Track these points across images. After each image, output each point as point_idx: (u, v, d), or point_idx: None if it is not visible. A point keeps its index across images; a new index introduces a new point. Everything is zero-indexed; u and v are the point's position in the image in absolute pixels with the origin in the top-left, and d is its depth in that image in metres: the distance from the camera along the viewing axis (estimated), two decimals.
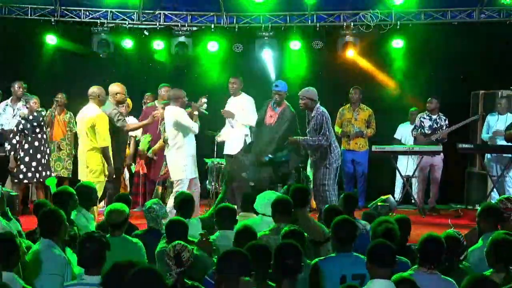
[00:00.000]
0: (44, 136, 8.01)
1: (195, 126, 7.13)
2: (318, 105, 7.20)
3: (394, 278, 3.41)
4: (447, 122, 8.83)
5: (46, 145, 8.13)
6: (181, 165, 7.11)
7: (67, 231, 4.25)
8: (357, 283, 3.62)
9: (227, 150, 8.15)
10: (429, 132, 8.76)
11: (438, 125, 8.77)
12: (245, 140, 8.00)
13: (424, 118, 8.85)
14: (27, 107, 7.87)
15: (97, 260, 3.55)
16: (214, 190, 8.81)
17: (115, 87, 7.36)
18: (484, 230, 4.53)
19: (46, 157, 8.05)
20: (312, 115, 7.16)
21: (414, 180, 9.18)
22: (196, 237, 4.51)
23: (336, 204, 6.08)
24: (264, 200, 5.11)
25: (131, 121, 8.24)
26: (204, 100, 7.38)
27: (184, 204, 5.29)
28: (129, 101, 8.22)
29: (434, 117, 8.82)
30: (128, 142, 8.27)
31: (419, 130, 8.81)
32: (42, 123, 7.98)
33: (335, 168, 7.21)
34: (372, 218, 5.19)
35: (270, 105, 7.61)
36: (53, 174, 8.28)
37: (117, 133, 7.33)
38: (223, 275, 3.08)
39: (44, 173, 7.96)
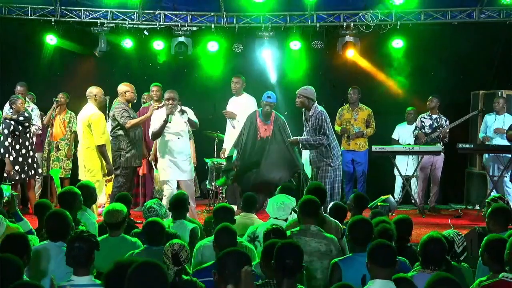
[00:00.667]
0: (31, 134, 7.97)
1: (150, 132, 7.20)
2: (315, 104, 7.21)
3: (393, 277, 3.43)
4: (447, 122, 8.83)
5: (33, 143, 8.02)
6: (159, 167, 7.28)
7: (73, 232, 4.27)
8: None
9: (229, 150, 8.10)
10: (430, 131, 8.77)
11: (439, 124, 8.78)
12: None
13: (424, 118, 8.86)
14: (12, 108, 7.79)
15: (86, 261, 3.50)
16: (214, 190, 8.83)
17: (123, 86, 7.51)
18: (493, 231, 4.51)
19: (36, 156, 8.01)
20: (310, 114, 7.18)
21: (414, 180, 9.18)
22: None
23: (339, 202, 6.12)
24: (277, 204, 5.10)
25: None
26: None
27: (177, 204, 5.32)
28: None
29: (434, 116, 8.83)
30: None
31: (420, 130, 8.81)
32: (30, 123, 7.91)
33: (337, 166, 7.24)
34: (380, 216, 5.21)
35: (259, 118, 7.51)
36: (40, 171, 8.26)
37: (130, 135, 7.40)
38: (223, 275, 3.07)
39: (32, 172, 7.88)
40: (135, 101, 7.66)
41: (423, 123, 8.83)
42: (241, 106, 8.03)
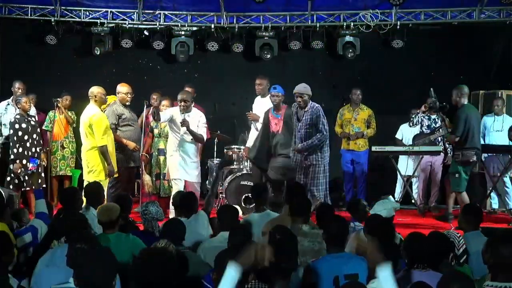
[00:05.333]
0: (39, 139, 7.93)
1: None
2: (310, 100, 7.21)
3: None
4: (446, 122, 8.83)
5: (39, 146, 8.01)
6: (170, 164, 7.31)
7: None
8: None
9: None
10: (428, 131, 8.77)
11: (437, 124, 8.78)
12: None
13: (424, 117, 8.86)
14: (18, 108, 7.78)
15: None
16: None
17: (118, 87, 7.60)
18: (465, 230, 4.55)
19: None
20: (306, 109, 7.14)
21: (414, 180, 9.17)
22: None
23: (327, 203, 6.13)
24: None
25: None
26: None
27: (185, 202, 5.38)
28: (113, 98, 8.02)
29: (433, 116, 8.83)
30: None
31: (419, 127, 8.81)
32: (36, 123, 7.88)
33: (327, 162, 7.24)
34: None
35: (271, 113, 7.52)
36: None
37: (122, 136, 7.40)
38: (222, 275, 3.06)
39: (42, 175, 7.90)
40: (128, 103, 7.59)
41: (422, 122, 8.84)
42: (267, 107, 7.81)
